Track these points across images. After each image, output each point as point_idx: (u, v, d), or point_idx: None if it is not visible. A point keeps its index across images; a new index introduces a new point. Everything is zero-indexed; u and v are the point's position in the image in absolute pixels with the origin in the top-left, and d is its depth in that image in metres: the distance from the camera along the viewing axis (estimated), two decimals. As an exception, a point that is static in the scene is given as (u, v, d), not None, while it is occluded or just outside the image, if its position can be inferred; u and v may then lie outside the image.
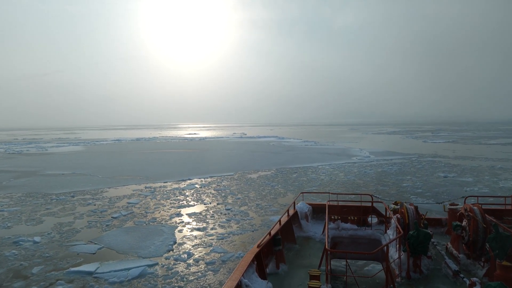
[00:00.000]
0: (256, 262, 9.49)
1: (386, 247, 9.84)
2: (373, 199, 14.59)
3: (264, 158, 60.06)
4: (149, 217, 23.78)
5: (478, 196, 15.10)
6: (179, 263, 15.86)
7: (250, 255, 9.50)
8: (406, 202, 12.60)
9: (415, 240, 9.84)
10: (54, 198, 30.13)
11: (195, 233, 20.27)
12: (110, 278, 14.28)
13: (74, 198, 30.24)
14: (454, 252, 11.04)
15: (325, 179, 37.04)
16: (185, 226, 21.67)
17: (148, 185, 36.09)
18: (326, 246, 9.53)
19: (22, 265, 15.95)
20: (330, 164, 49.62)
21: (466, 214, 10.65)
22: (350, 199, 20.70)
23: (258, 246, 10.04)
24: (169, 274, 14.78)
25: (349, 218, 14.35)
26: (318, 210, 15.63)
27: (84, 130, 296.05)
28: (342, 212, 14.61)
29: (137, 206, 26.97)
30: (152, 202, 28.14)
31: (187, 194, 31.43)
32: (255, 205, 26.78)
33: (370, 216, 14.42)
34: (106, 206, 26.94)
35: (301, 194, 16.83)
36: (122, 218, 23.60)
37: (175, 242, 18.69)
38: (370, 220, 14.31)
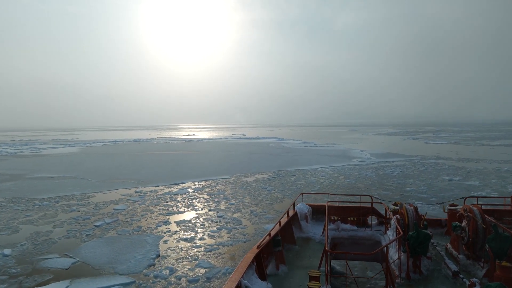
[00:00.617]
0: (256, 263, 9.44)
1: (386, 248, 9.86)
2: (372, 200, 14.50)
3: (262, 160, 58.35)
4: (134, 225, 22.10)
5: (477, 196, 15.10)
6: (159, 281, 14.16)
7: (249, 256, 9.39)
8: (405, 203, 12.59)
9: (415, 240, 9.84)
10: (37, 203, 28.44)
11: (181, 244, 18.57)
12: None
13: (58, 203, 28.55)
14: (454, 252, 11.03)
15: (324, 183, 35.36)
16: (171, 236, 19.98)
17: (138, 189, 34.42)
18: (326, 247, 9.53)
19: (-17, 283, 14.32)
20: (330, 166, 47.93)
21: (466, 214, 10.63)
22: (350, 200, 20.05)
23: (258, 247, 9.93)
24: (146, 294, 13.12)
25: (348, 219, 14.32)
26: (317, 211, 15.58)
27: (83, 131, 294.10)
28: (342, 213, 14.57)
29: (123, 213, 25.28)
30: (140, 209, 26.45)
31: (178, 199, 29.74)
32: (249, 211, 25.10)
33: (369, 216, 14.43)
34: (90, 213, 25.26)
35: (300, 195, 16.65)
36: (104, 226, 21.91)
37: (158, 255, 17.00)
38: (369, 221, 14.33)
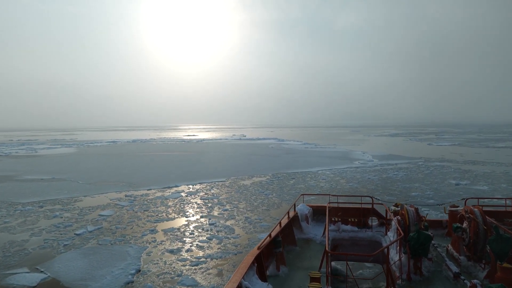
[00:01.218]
0: (256, 264, 9.37)
1: (386, 249, 9.80)
2: (373, 201, 14.41)
3: (260, 162, 56.63)
4: (118, 234, 20.43)
5: (478, 198, 14.96)
6: (134, 304, 12.51)
7: (250, 257, 9.30)
8: (406, 204, 12.49)
9: (416, 242, 9.77)
10: (19, 208, 26.82)
11: (166, 256, 16.88)
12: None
13: (42, 208, 26.89)
14: (455, 254, 10.98)
15: (325, 187, 33.64)
16: (156, 246, 18.29)
17: (129, 192, 32.75)
18: (327, 248, 9.49)
19: None
20: (331, 169, 46.17)
21: (467, 216, 10.55)
22: (350, 201, 19.21)
23: (259, 248, 9.88)
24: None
25: (349, 220, 14.24)
26: (318, 212, 15.50)
27: (83, 131, 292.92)
28: (342, 214, 14.47)
29: (108, 219, 23.61)
30: (127, 215, 24.77)
31: (170, 204, 28.05)
32: (244, 218, 23.41)
33: (370, 218, 14.37)
34: (74, 220, 23.59)
35: (301, 196, 16.58)
36: (86, 235, 20.24)
37: (139, 269, 15.31)
38: (370, 222, 14.26)
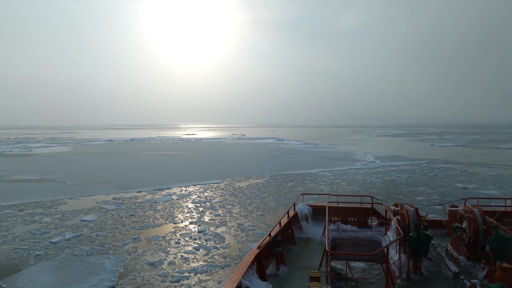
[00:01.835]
0: (256, 264, 9.34)
1: (386, 249, 9.78)
2: (373, 201, 14.37)
3: (259, 162, 54.82)
4: (97, 242, 18.66)
5: (478, 198, 15.02)
6: (99, 332, 10.74)
7: (250, 257, 9.26)
8: (406, 204, 12.48)
9: (416, 241, 9.75)
10: (-3, 212, 25.09)
11: (145, 270, 15.10)
12: None
13: (22, 212, 25.16)
14: (455, 254, 10.97)
15: (324, 190, 31.86)
16: (136, 258, 16.50)
17: (118, 195, 31.00)
18: (326, 248, 9.50)
19: None
20: (331, 170, 44.38)
21: (466, 215, 10.52)
22: (351, 201, 18.85)
23: (258, 248, 9.87)
24: None
25: (349, 219, 14.20)
26: (318, 212, 15.50)
27: (83, 130, 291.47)
28: (342, 213, 14.44)
29: (90, 225, 21.85)
30: (111, 220, 23.00)
31: (159, 208, 26.28)
32: (236, 225, 21.64)
33: (370, 217, 14.37)
34: (53, 225, 21.84)
35: (301, 196, 16.55)
36: (61, 244, 18.48)
37: (112, 286, 13.56)
38: (370, 221, 14.27)
